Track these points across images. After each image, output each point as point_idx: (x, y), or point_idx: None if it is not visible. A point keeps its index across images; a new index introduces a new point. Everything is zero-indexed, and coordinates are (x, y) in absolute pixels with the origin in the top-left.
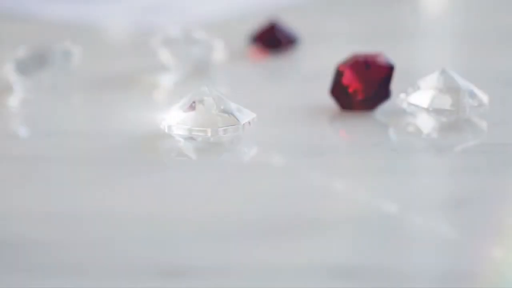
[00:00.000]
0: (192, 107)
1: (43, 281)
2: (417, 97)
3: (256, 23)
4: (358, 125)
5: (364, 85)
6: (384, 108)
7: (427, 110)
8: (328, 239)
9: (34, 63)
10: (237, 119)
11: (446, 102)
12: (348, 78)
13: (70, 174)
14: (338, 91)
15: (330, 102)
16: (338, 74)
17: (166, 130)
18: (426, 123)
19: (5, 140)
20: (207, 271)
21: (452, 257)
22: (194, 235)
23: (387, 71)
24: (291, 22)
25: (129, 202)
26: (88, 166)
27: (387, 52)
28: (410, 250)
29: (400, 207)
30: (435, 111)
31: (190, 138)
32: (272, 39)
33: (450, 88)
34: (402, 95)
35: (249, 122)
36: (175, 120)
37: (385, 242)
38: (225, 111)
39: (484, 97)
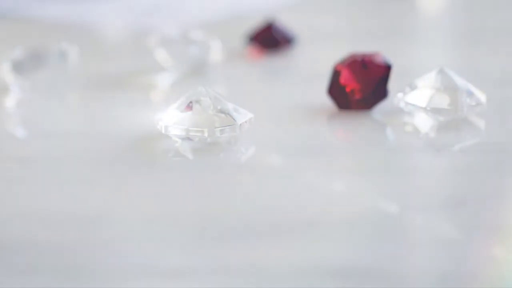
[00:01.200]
0: (189, 107)
1: (43, 281)
2: (414, 96)
3: (253, 23)
4: (356, 125)
5: (361, 85)
6: (381, 107)
7: (424, 109)
8: (327, 239)
9: (31, 63)
10: (234, 119)
11: (443, 101)
12: (345, 78)
13: (68, 174)
14: (336, 90)
15: (327, 102)
16: (336, 74)
17: (163, 131)
18: (423, 123)
19: (3, 141)
20: (207, 271)
21: (451, 257)
22: (193, 235)
23: (385, 70)
24: (288, 22)
25: (127, 202)
26: (85, 166)
27: (385, 51)
28: (410, 250)
29: (399, 206)
30: (432, 110)
31: (187, 139)
32: (269, 39)
33: (447, 87)
34: (400, 95)
35: (246, 122)
36: (172, 120)
37: (385, 242)
38: (222, 111)
39: (482, 96)
